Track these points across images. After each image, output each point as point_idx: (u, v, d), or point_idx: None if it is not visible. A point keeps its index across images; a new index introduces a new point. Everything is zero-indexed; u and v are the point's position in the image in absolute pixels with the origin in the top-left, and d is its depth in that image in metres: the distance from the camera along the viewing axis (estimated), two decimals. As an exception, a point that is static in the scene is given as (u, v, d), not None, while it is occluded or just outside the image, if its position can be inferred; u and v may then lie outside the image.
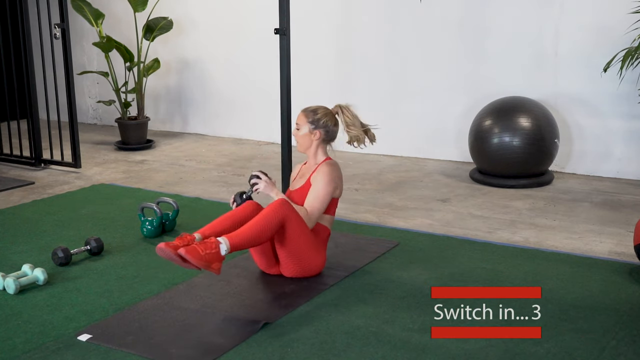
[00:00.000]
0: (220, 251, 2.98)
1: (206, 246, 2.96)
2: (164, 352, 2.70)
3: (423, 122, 6.07)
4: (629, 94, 5.16)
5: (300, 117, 3.49)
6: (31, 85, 5.76)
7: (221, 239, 3.02)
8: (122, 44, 6.54)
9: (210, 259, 2.95)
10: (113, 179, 5.46)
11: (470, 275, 3.43)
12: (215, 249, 2.97)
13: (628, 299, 3.15)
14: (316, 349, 2.71)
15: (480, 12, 5.69)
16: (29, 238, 4.04)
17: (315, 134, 3.46)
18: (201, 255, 2.92)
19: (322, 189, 3.38)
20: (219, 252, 2.98)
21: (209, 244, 2.97)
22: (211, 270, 2.96)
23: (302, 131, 3.47)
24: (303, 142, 3.49)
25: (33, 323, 2.97)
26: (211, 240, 2.99)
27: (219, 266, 2.98)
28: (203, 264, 2.93)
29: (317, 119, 3.46)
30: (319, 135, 3.47)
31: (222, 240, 3.01)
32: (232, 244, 3.02)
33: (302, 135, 3.48)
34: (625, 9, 5.01)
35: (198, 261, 2.91)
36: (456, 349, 2.71)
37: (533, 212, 4.51)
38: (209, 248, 2.96)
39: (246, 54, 6.83)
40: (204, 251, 2.94)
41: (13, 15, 5.94)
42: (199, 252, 2.92)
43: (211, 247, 2.97)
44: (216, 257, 2.97)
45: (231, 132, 7.09)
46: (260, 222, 3.12)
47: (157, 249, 2.96)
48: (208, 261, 2.94)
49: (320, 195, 3.37)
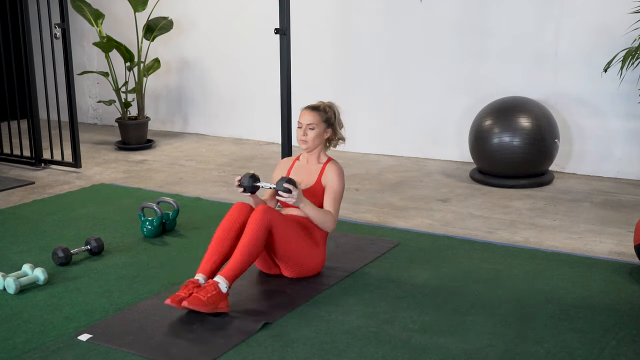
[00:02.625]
0: (221, 290, 2.97)
1: (206, 291, 2.95)
2: (164, 352, 2.70)
3: (423, 122, 6.07)
4: (629, 94, 5.17)
5: (313, 116, 3.40)
6: (31, 85, 5.76)
7: (218, 278, 2.99)
8: (122, 44, 6.54)
9: (215, 301, 2.94)
10: (113, 179, 5.46)
11: (470, 275, 3.43)
12: (215, 290, 2.95)
13: (628, 299, 3.15)
14: (316, 349, 2.71)
15: (480, 12, 5.69)
16: (29, 238, 4.04)
17: (327, 132, 3.45)
18: (204, 302, 2.91)
19: (339, 189, 3.40)
20: (220, 292, 2.97)
21: (208, 288, 2.96)
22: (219, 310, 2.96)
23: (318, 130, 3.40)
24: (316, 142, 3.41)
25: (33, 323, 2.97)
26: (209, 284, 2.98)
27: (225, 304, 2.99)
28: (210, 309, 2.93)
29: (329, 117, 3.44)
30: (329, 134, 3.46)
31: (219, 280, 2.99)
32: (230, 277, 3.01)
33: (317, 135, 3.40)
34: (625, 9, 5.01)
35: (204, 308, 2.91)
36: (456, 349, 2.71)
37: (533, 212, 4.51)
38: (209, 292, 2.94)
39: (246, 54, 6.83)
40: (206, 296, 2.92)
41: (13, 15, 5.94)
42: (201, 300, 2.91)
43: (211, 290, 2.95)
44: (219, 297, 2.96)
45: (231, 132, 7.09)
46: (247, 243, 3.06)
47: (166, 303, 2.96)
48: (213, 304, 2.93)
49: (338, 196, 3.41)
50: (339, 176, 3.41)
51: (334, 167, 3.43)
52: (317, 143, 3.43)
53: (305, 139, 3.40)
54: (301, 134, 3.41)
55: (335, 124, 3.48)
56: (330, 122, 3.45)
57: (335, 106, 3.52)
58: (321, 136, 3.43)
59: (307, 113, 3.42)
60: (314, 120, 3.40)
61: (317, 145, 3.43)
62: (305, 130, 3.40)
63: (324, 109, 3.44)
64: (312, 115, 3.41)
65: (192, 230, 4.16)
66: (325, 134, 3.45)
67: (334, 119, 3.46)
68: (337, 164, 3.47)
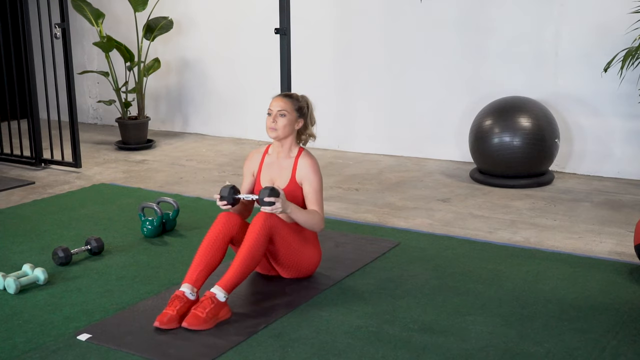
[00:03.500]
0: (219, 302, 2.91)
1: (203, 306, 2.87)
2: (164, 352, 2.70)
3: (423, 122, 6.07)
4: (630, 94, 5.17)
5: (285, 103, 3.25)
6: (31, 84, 5.76)
7: (215, 289, 2.92)
8: (122, 44, 6.54)
9: (214, 314, 2.88)
10: (113, 179, 5.46)
11: (470, 275, 3.43)
12: (213, 303, 2.88)
13: (628, 299, 3.15)
14: (316, 349, 2.71)
15: (480, 12, 5.69)
16: (30, 238, 4.04)
17: (299, 122, 3.31)
18: (204, 319, 2.85)
19: (318, 184, 3.28)
20: (218, 303, 2.90)
21: (205, 303, 2.88)
22: (221, 319, 2.91)
23: (289, 117, 3.24)
24: (286, 130, 3.24)
25: (33, 323, 2.97)
26: (205, 298, 2.90)
27: (226, 311, 2.94)
28: (211, 324, 2.87)
29: (301, 106, 3.31)
30: (301, 125, 3.32)
31: (217, 290, 2.92)
32: (228, 287, 2.94)
33: (287, 123, 3.23)
34: (625, 9, 5.01)
35: (205, 325, 2.85)
36: (456, 348, 2.71)
37: (533, 212, 4.51)
38: (207, 306, 2.87)
39: (246, 54, 6.83)
40: (204, 313, 2.85)
41: (13, 15, 5.95)
42: (200, 317, 2.85)
43: (208, 304, 2.88)
44: (218, 307, 2.90)
45: (231, 132, 7.09)
46: (248, 251, 2.99)
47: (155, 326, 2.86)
48: (213, 317, 2.87)
49: (319, 192, 3.28)
50: (315, 171, 3.27)
51: (308, 161, 3.28)
52: (288, 132, 3.26)
53: (274, 127, 3.23)
54: (270, 121, 3.24)
55: (307, 115, 3.34)
56: (303, 112, 3.31)
57: (309, 100, 3.39)
58: (292, 125, 3.26)
59: (278, 99, 3.28)
60: (286, 107, 3.24)
61: (287, 134, 3.26)
62: (275, 117, 3.23)
63: (297, 98, 3.32)
64: (283, 101, 3.26)
65: (192, 230, 4.16)
66: (297, 124, 3.29)
67: (306, 110, 3.33)
68: (310, 155, 3.32)
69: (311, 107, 3.39)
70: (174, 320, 2.87)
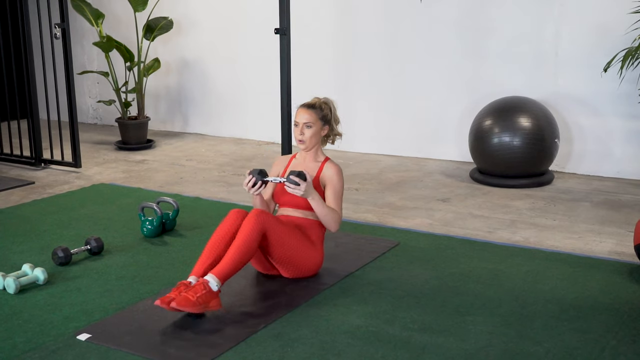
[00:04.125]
0: (211, 289, 2.92)
1: (195, 290, 2.89)
2: (163, 352, 2.70)
3: (423, 121, 6.07)
4: (629, 93, 5.17)
5: (309, 114, 3.35)
6: (31, 85, 5.76)
7: (208, 277, 2.95)
8: (122, 44, 6.54)
9: (204, 300, 2.89)
10: (113, 179, 5.46)
11: (470, 275, 3.43)
12: (205, 289, 2.90)
13: (628, 299, 3.15)
14: (316, 349, 2.71)
15: (480, 12, 5.69)
16: (29, 238, 4.04)
17: (325, 130, 3.42)
18: (193, 302, 2.86)
19: (340, 188, 3.38)
20: (210, 291, 2.92)
21: (197, 288, 2.90)
22: (210, 309, 2.92)
23: (315, 128, 3.36)
24: (313, 141, 3.38)
25: (33, 322, 2.96)
26: (198, 283, 2.93)
27: (216, 302, 2.94)
28: (199, 308, 2.87)
29: (325, 114, 3.40)
30: (326, 131, 3.43)
31: (209, 278, 2.94)
32: (221, 276, 2.96)
33: (314, 133, 3.36)
34: (625, 9, 5.01)
35: (192, 308, 2.86)
36: (456, 348, 2.71)
37: (533, 212, 4.51)
38: (198, 291, 2.89)
39: (246, 54, 6.83)
40: (195, 296, 2.87)
41: (13, 15, 5.95)
42: (190, 300, 2.86)
43: (200, 289, 2.90)
44: (210, 295, 2.91)
45: (231, 132, 7.09)
46: (241, 244, 3.03)
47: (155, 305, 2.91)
48: (203, 303, 2.88)
49: (340, 195, 3.38)
50: (338, 175, 3.38)
51: (333, 166, 3.41)
52: (315, 142, 3.40)
53: (302, 138, 3.37)
54: (298, 133, 3.37)
55: (331, 120, 3.44)
56: (327, 119, 3.41)
57: (331, 102, 3.47)
58: (318, 134, 3.39)
59: (303, 111, 3.37)
60: (311, 119, 3.35)
61: (314, 144, 3.40)
62: (302, 129, 3.36)
63: (320, 107, 3.40)
64: (308, 113, 3.36)
65: (192, 230, 4.15)
66: (322, 132, 3.42)
67: (330, 116, 3.43)
68: (335, 163, 3.45)
69: (334, 109, 3.48)
70: (167, 303, 2.87)
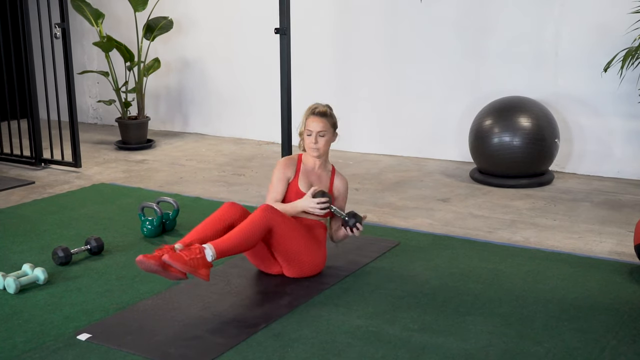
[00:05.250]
0: (205, 256, 2.90)
1: (190, 252, 2.88)
2: (164, 352, 2.70)
3: (423, 121, 6.07)
4: (630, 93, 5.17)
5: (324, 122, 3.38)
6: (31, 84, 5.76)
7: (206, 245, 2.94)
8: (122, 44, 6.54)
9: (196, 265, 2.86)
10: (113, 179, 5.46)
11: (470, 275, 3.43)
12: (200, 254, 2.88)
13: (628, 299, 3.15)
14: (316, 349, 2.71)
15: (480, 12, 5.69)
16: (29, 237, 4.04)
17: (335, 137, 3.48)
18: (186, 261, 2.84)
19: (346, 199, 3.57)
20: (204, 258, 2.90)
21: (193, 250, 2.89)
22: (198, 275, 2.88)
23: (327, 136, 3.41)
24: (326, 148, 3.42)
25: (33, 322, 2.97)
26: (195, 246, 2.92)
27: (206, 272, 2.90)
28: (189, 269, 2.84)
29: (334, 122, 3.45)
30: (336, 138, 3.49)
31: (207, 247, 2.93)
32: (218, 250, 2.95)
33: (327, 140, 3.41)
34: (625, 9, 5.01)
35: (183, 266, 2.82)
36: (456, 348, 2.71)
37: (533, 212, 4.51)
38: (193, 254, 2.87)
39: (246, 54, 6.83)
40: (189, 256, 2.86)
41: (13, 15, 5.94)
42: (183, 258, 2.84)
43: (195, 252, 2.88)
44: (202, 262, 2.89)
45: (231, 132, 7.09)
46: (245, 228, 3.06)
47: (137, 262, 2.86)
48: (194, 267, 2.85)
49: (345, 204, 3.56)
50: (346, 188, 3.55)
51: (342, 178, 3.54)
52: (327, 149, 3.45)
53: (317, 147, 3.39)
54: (313, 142, 3.38)
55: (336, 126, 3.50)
56: (336, 126, 3.47)
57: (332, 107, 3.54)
58: (330, 142, 3.45)
59: (317, 120, 3.38)
60: (325, 127, 3.38)
61: (326, 151, 3.46)
62: (316, 138, 3.38)
63: (330, 114, 3.44)
64: (322, 122, 3.38)
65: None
66: (333, 139, 3.47)
67: (336, 122, 3.48)
68: (342, 175, 3.57)
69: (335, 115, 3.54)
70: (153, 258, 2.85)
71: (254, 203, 4.68)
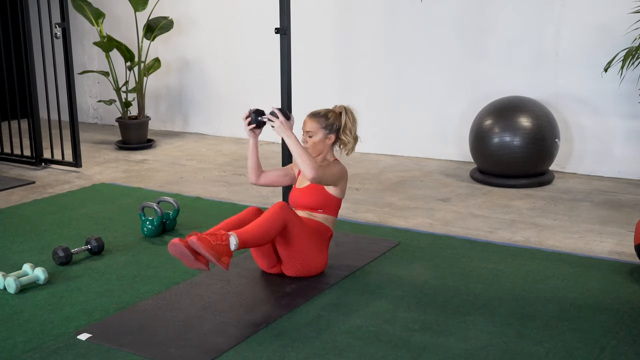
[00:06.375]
0: (230, 244, 2.96)
1: (217, 237, 2.94)
2: (164, 351, 2.70)
3: (423, 121, 6.07)
4: (630, 93, 5.17)
5: (311, 124, 3.40)
6: (32, 84, 5.76)
7: (231, 233, 3.00)
8: (122, 44, 6.54)
9: (221, 251, 2.92)
10: (113, 179, 5.46)
11: (470, 275, 3.43)
12: (225, 242, 2.95)
13: (628, 299, 3.15)
14: (316, 349, 2.72)
15: (480, 12, 5.69)
16: (30, 237, 4.04)
17: (330, 138, 3.45)
18: (212, 245, 2.90)
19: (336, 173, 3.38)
20: (228, 246, 2.96)
21: (219, 236, 2.95)
22: (221, 264, 2.92)
23: (316, 137, 3.41)
24: (317, 148, 3.43)
25: (33, 322, 2.97)
26: (221, 233, 2.98)
27: (228, 261, 2.95)
28: (214, 254, 2.89)
29: (330, 123, 3.43)
30: (334, 139, 3.46)
31: (232, 234, 2.99)
32: (241, 240, 3.01)
33: (316, 142, 3.41)
34: (625, 9, 5.01)
35: (209, 251, 2.87)
36: (456, 348, 2.71)
37: (533, 211, 4.51)
38: (219, 239, 2.94)
39: (247, 54, 6.83)
40: (215, 242, 2.92)
41: (14, 15, 5.94)
42: (210, 242, 2.90)
43: (222, 239, 2.95)
44: (226, 250, 2.95)
45: (231, 132, 7.09)
46: (264, 223, 3.11)
47: (170, 245, 2.91)
48: (219, 252, 2.91)
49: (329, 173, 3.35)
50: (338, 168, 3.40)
51: (338, 164, 3.44)
52: (319, 150, 3.43)
53: (305, 146, 3.42)
54: (303, 141, 3.43)
55: (340, 130, 3.45)
56: (333, 127, 3.43)
57: (347, 112, 3.47)
58: (321, 143, 3.42)
59: (306, 120, 3.45)
60: (312, 128, 3.41)
61: (319, 151, 3.44)
62: (305, 137, 3.44)
63: (325, 115, 3.43)
64: (310, 122, 3.42)
65: (193, 230, 4.15)
66: (328, 140, 3.44)
67: (338, 125, 3.44)
68: (340, 163, 3.46)
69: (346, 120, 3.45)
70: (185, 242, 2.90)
71: (254, 203, 4.69)
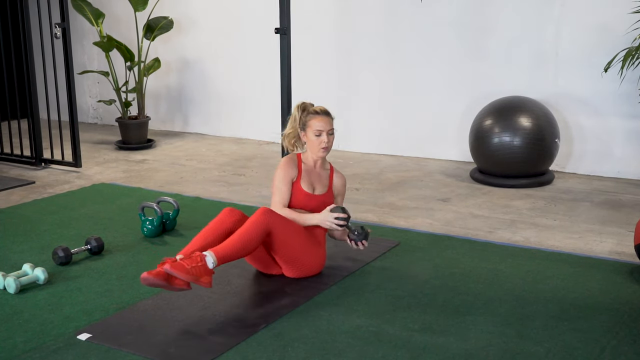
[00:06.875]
0: (207, 264, 2.91)
1: (191, 260, 2.89)
2: (164, 351, 2.70)
3: (423, 121, 6.07)
4: (630, 93, 5.17)
5: (331, 121, 3.42)
6: (32, 84, 5.76)
7: (206, 252, 2.95)
8: (122, 44, 6.54)
9: (198, 273, 2.87)
10: (113, 179, 5.46)
11: (470, 275, 3.43)
12: (201, 262, 2.90)
13: (628, 299, 3.15)
14: (316, 349, 2.72)
15: (480, 12, 5.69)
16: (30, 237, 4.04)
17: None
18: (187, 269, 2.85)
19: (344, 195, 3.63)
20: (205, 265, 2.91)
21: (194, 258, 2.90)
22: (201, 284, 2.88)
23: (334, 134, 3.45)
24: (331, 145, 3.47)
25: (33, 322, 2.97)
26: (196, 254, 2.93)
27: (208, 280, 2.91)
28: (191, 278, 2.85)
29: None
30: None
31: (208, 254, 2.94)
32: (219, 256, 2.96)
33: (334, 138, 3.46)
34: (625, 9, 5.01)
35: (185, 275, 2.83)
36: (456, 348, 2.71)
37: (533, 211, 4.51)
38: (194, 262, 2.88)
39: (247, 54, 6.83)
40: (190, 265, 2.87)
41: (14, 15, 5.94)
42: (184, 267, 2.85)
43: (197, 260, 2.89)
44: (204, 270, 2.90)
45: (232, 132, 7.09)
46: (245, 233, 3.06)
47: (141, 279, 2.85)
48: (196, 275, 2.87)
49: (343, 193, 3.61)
50: (345, 186, 3.59)
51: (341, 178, 3.56)
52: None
53: (327, 146, 3.41)
54: (325, 141, 3.38)
55: None
56: None
57: None
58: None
59: (325, 119, 3.40)
60: (332, 125, 3.43)
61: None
62: (327, 137, 3.40)
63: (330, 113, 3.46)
64: (330, 120, 3.42)
65: (192, 230, 4.15)
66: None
67: None
68: (341, 173, 3.59)
69: None
70: (159, 273, 2.86)
71: (254, 203, 4.69)
